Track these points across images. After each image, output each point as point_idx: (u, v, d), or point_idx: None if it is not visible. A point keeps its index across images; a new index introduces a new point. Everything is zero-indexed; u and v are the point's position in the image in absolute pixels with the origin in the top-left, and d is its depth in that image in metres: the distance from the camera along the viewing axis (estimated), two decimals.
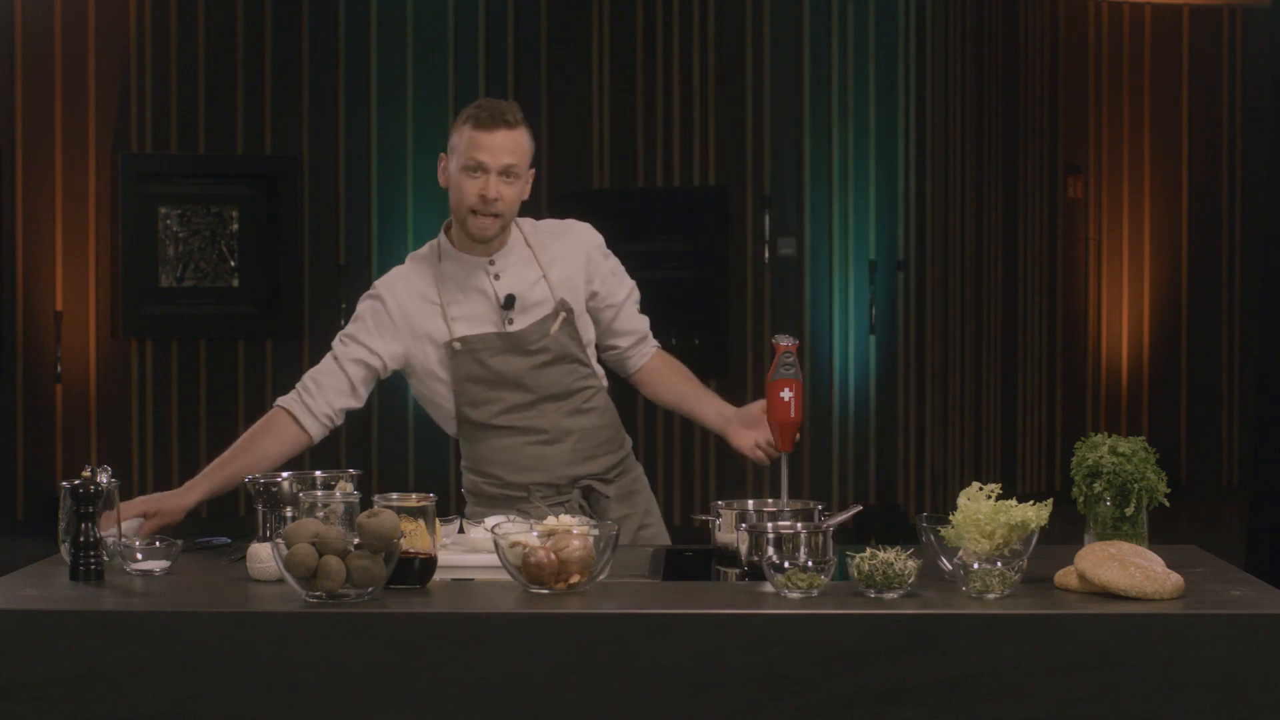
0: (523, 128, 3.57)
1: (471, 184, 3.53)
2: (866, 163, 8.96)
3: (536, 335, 3.61)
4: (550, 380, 3.63)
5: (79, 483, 2.97)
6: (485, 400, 3.63)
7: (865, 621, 2.64)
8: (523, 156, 3.56)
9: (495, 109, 3.54)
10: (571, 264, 3.68)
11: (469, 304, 3.62)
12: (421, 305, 3.64)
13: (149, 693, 2.64)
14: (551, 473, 3.65)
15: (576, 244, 3.71)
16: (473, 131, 3.53)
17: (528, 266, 3.65)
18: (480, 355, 3.60)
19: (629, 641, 2.64)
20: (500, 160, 3.52)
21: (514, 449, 3.65)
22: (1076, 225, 10.39)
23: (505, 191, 3.54)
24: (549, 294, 3.64)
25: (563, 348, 3.63)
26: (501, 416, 3.64)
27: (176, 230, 9.06)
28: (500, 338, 3.61)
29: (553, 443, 3.64)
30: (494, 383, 3.62)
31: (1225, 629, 2.61)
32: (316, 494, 2.95)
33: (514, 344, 3.61)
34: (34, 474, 8.92)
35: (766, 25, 9.04)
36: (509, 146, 3.53)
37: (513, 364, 3.61)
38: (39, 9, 8.90)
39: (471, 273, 3.63)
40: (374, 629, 2.65)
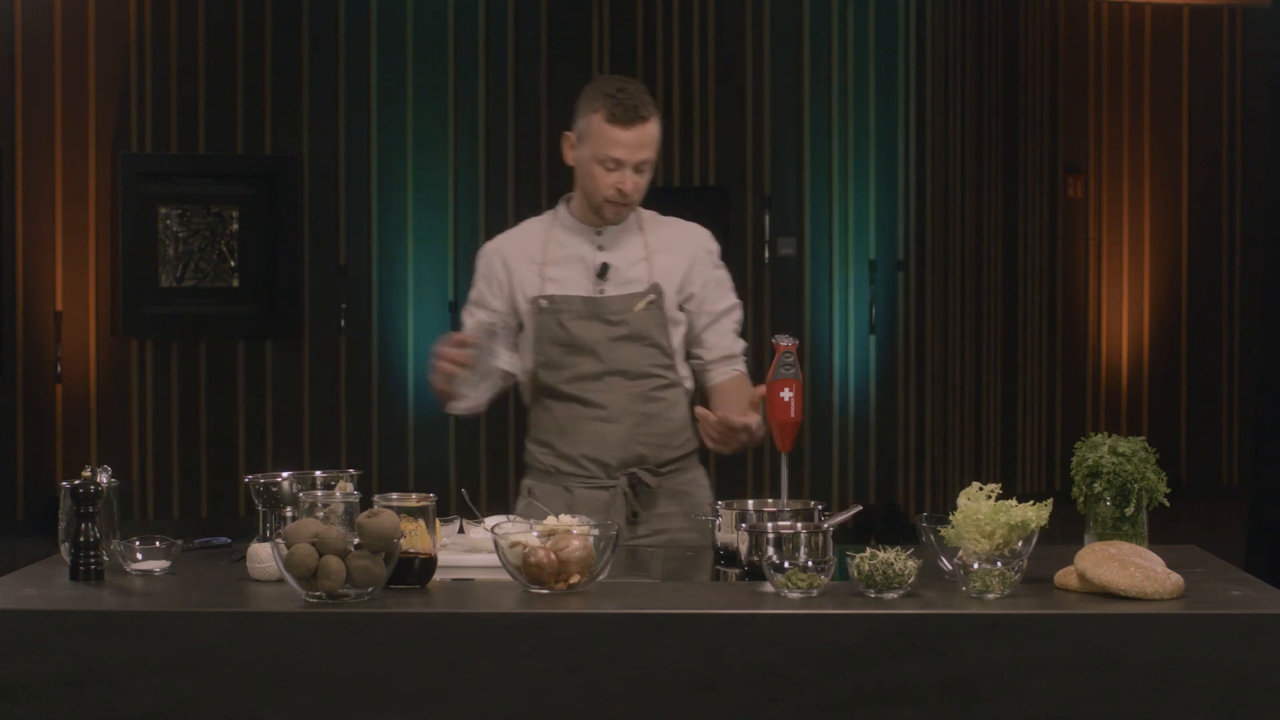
0: (654, 115, 3.63)
1: (607, 177, 3.60)
2: (866, 163, 8.96)
3: (620, 307, 3.65)
4: (623, 355, 3.65)
5: (79, 483, 2.96)
6: (560, 364, 3.67)
7: (865, 621, 2.64)
8: (655, 147, 3.63)
9: (630, 105, 3.58)
10: (676, 257, 3.72)
11: (568, 267, 3.68)
12: (524, 263, 3.71)
13: (149, 693, 2.64)
14: (603, 450, 3.66)
15: (687, 241, 3.76)
16: (607, 126, 3.59)
17: (634, 246, 3.71)
18: (562, 316, 3.65)
19: (629, 641, 2.64)
20: (636, 156, 3.59)
21: (573, 420, 3.68)
22: (1076, 225, 10.39)
23: (640, 182, 3.62)
24: (646, 274, 3.68)
25: (644, 327, 3.66)
26: (571, 384, 3.68)
27: (176, 230, 9.06)
28: (584, 302, 3.65)
29: (610, 420, 3.66)
30: (571, 347, 3.66)
31: (1225, 629, 2.61)
32: (316, 494, 2.95)
33: (596, 310, 3.65)
34: (34, 474, 8.92)
35: (766, 25, 9.04)
36: (644, 142, 3.60)
37: (591, 330, 3.65)
38: (39, 9, 8.90)
39: (578, 241, 3.70)
40: (374, 629, 2.65)
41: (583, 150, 3.64)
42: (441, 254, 9.09)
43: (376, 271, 9.08)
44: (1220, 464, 10.64)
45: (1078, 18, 10.41)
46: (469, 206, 9.08)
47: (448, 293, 9.05)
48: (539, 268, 3.69)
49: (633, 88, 3.63)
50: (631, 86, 3.64)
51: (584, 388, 3.67)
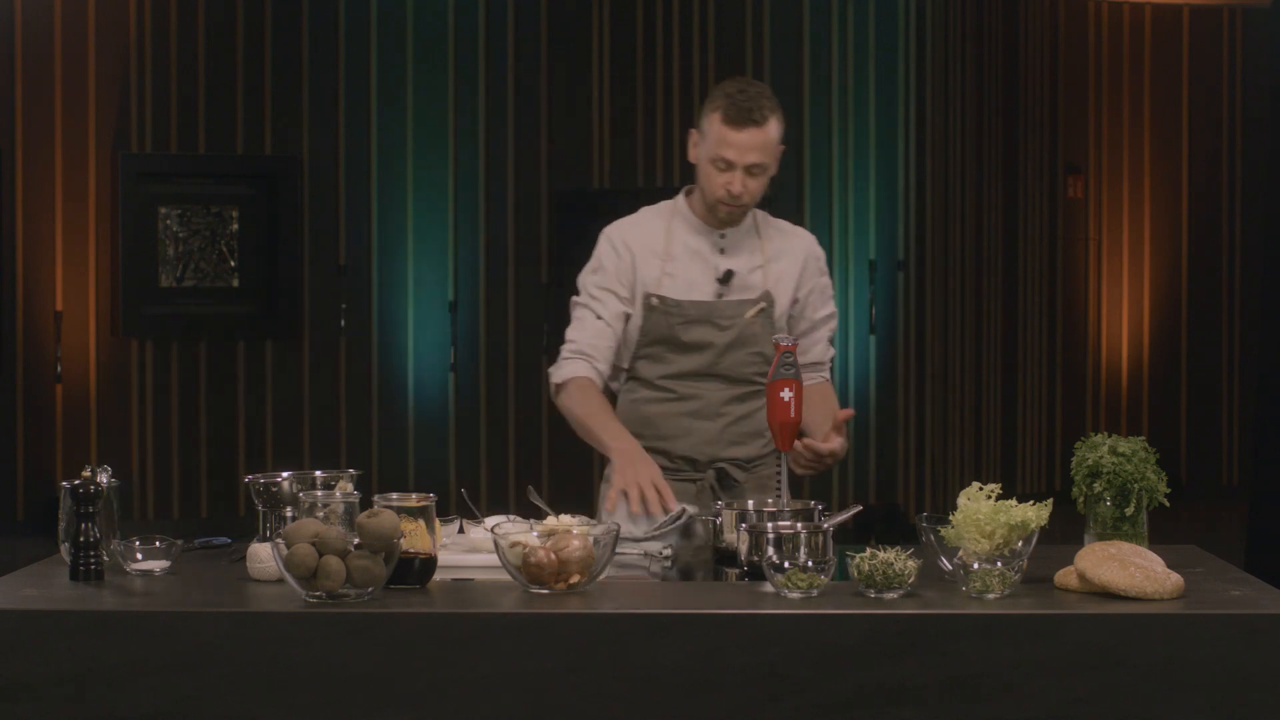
0: (772, 120, 3.61)
1: (719, 177, 3.61)
2: (866, 163, 8.96)
3: (731, 313, 3.67)
4: (729, 360, 3.68)
5: (79, 483, 2.97)
6: (663, 359, 3.69)
7: (865, 621, 2.64)
8: (770, 152, 3.62)
9: (745, 106, 3.58)
10: (790, 264, 3.75)
11: (688, 266, 3.70)
12: (647, 255, 3.72)
13: (149, 693, 2.64)
14: (695, 447, 3.69)
15: (800, 249, 3.79)
16: (722, 127, 3.59)
17: (753, 252, 3.73)
18: (673, 319, 3.67)
19: (629, 641, 2.64)
20: (746, 159, 3.59)
21: (667, 417, 3.70)
22: (1076, 225, 10.39)
23: (751, 185, 3.62)
24: (761, 282, 3.71)
25: (751, 334, 3.68)
26: (669, 380, 3.70)
27: (176, 230, 9.06)
28: (697, 306, 3.67)
29: (705, 417, 3.68)
30: (677, 347, 3.68)
31: (1225, 629, 2.61)
32: (316, 494, 2.95)
33: (709, 314, 3.67)
34: (34, 474, 8.92)
35: (766, 25, 9.04)
36: (756, 145, 3.59)
37: (700, 334, 3.67)
38: (39, 9, 8.90)
39: (701, 240, 3.71)
40: (374, 629, 2.65)
41: (701, 149, 3.65)
42: (441, 254, 9.08)
43: (376, 271, 9.08)
44: (1220, 464, 10.64)
45: (1078, 18, 10.41)
46: (469, 206, 9.08)
47: (448, 293, 9.05)
48: (661, 262, 3.70)
49: (754, 90, 3.62)
50: (753, 89, 3.63)
51: (683, 385, 3.70)
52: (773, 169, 3.66)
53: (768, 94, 3.63)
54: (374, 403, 9.06)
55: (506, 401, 8.95)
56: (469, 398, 9.05)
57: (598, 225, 3.84)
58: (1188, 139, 10.55)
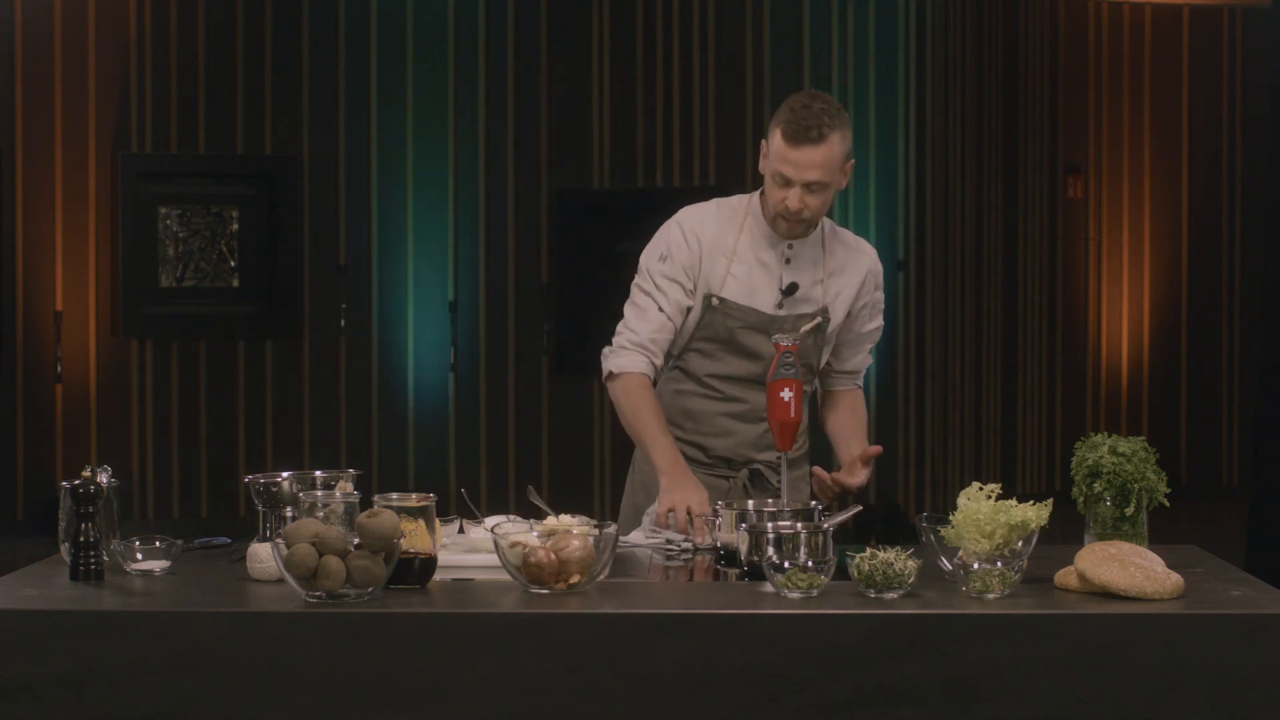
0: (834, 135, 3.53)
1: (779, 193, 3.60)
2: (866, 163, 8.96)
3: (789, 326, 3.67)
4: None
5: (79, 483, 2.96)
6: (715, 357, 3.70)
7: (865, 621, 2.64)
8: (831, 169, 3.55)
9: (804, 124, 3.52)
10: (850, 280, 3.76)
11: (753, 270, 3.69)
12: (715, 253, 3.70)
13: (149, 693, 2.64)
14: (735, 447, 3.71)
15: (863, 265, 3.80)
16: (782, 143, 3.55)
17: (816, 265, 3.73)
18: (732, 323, 3.68)
19: (629, 641, 2.64)
20: (805, 176, 3.55)
21: (709, 415, 3.72)
22: (1076, 225, 10.39)
23: (810, 202, 3.59)
24: (821, 296, 3.71)
25: (804, 347, 3.67)
26: (716, 380, 3.71)
27: (176, 230, 9.06)
28: (757, 315, 3.67)
29: (746, 419, 3.70)
30: (730, 349, 3.69)
31: (1225, 629, 2.61)
32: (316, 494, 2.95)
33: (765, 325, 3.66)
34: (34, 474, 8.92)
35: (766, 25, 9.04)
36: (816, 162, 3.53)
37: (757, 341, 3.67)
38: (39, 9, 8.90)
39: (768, 245, 3.70)
40: (374, 629, 2.65)
41: (766, 162, 3.63)
42: (441, 254, 9.08)
43: (376, 271, 9.08)
44: (1220, 464, 10.64)
45: (1078, 18, 10.41)
46: (469, 206, 9.08)
47: (448, 293, 9.05)
48: (727, 262, 3.70)
49: (818, 105, 3.56)
50: (817, 104, 3.56)
51: (729, 386, 3.71)
52: (839, 184, 3.62)
53: (831, 110, 3.56)
54: (374, 403, 9.07)
55: (506, 401, 8.95)
56: (469, 398, 9.05)
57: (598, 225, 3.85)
58: (1188, 139, 10.55)
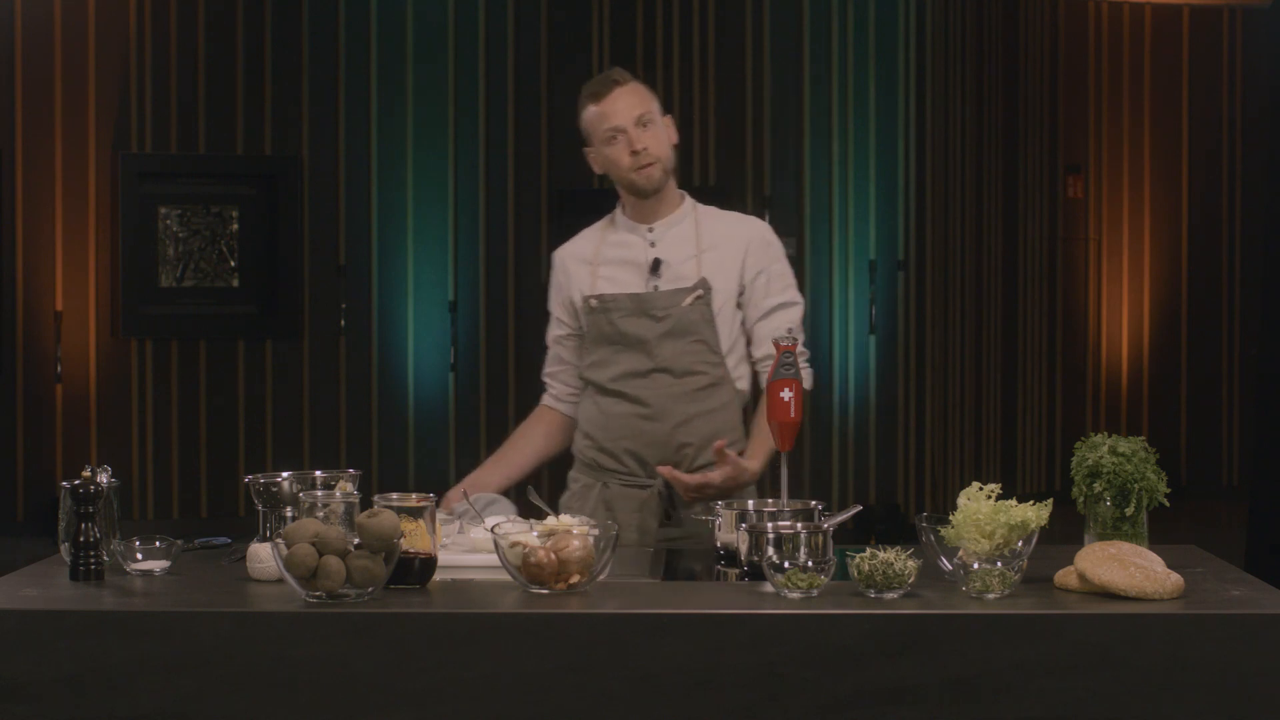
0: (634, 82, 3.68)
1: (617, 150, 3.64)
2: (866, 163, 8.96)
3: (666, 302, 3.65)
4: (670, 352, 3.65)
5: (79, 483, 2.96)
6: (608, 361, 3.69)
7: (865, 621, 2.64)
8: (647, 104, 3.66)
9: (602, 79, 3.69)
10: (730, 252, 3.69)
11: (620, 267, 3.71)
12: (580, 266, 3.75)
13: (149, 693, 2.64)
14: (643, 446, 3.66)
15: (743, 235, 3.72)
16: (594, 107, 3.67)
17: (685, 242, 3.70)
18: (612, 315, 3.67)
19: (629, 641, 2.63)
20: (630, 116, 3.63)
21: (617, 416, 3.68)
22: (1076, 225, 10.39)
23: (646, 138, 3.64)
24: (695, 270, 3.67)
25: (689, 323, 3.64)
26: (617, 380, 3.68)
27: (176, 230, 9.06)
28: (631, 299, 3.66)
29: (653, 419, 3.65)
30: (620, 344, 3.67)
31: (1225, 629, 2.61)
32: (316, 494, 2.95)
33: (643, 306, 3.65)
34: (34, 474, 8.92)
35: (766, 25, 9.04)
36: (631, 101, 3.64)
37: (639, 326, 3.65)
38: (39, 9, 8.90)
39: (630, 238, 3.72)
40: (374, 629, 2.65)
41: (594, 148, 3.70)
42: (441, 254, 9.09)
43: (376, 271, 9.08)
44: (1220, 464, 10.64)
45: (1078, 18, 10.41)
46: (469, 206, 9.08)
47: (448, 293, 9.05)
48: (592, 268, 3.72)
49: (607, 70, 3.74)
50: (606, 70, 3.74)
51: (629, 384, 3.67)
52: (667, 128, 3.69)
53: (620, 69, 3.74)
54: (374, 403, 9.06)
55: (506, 401, 8.95)
56: (469, 398, 9.05)
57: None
58: (1188, 139, 10.55)
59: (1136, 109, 10.49)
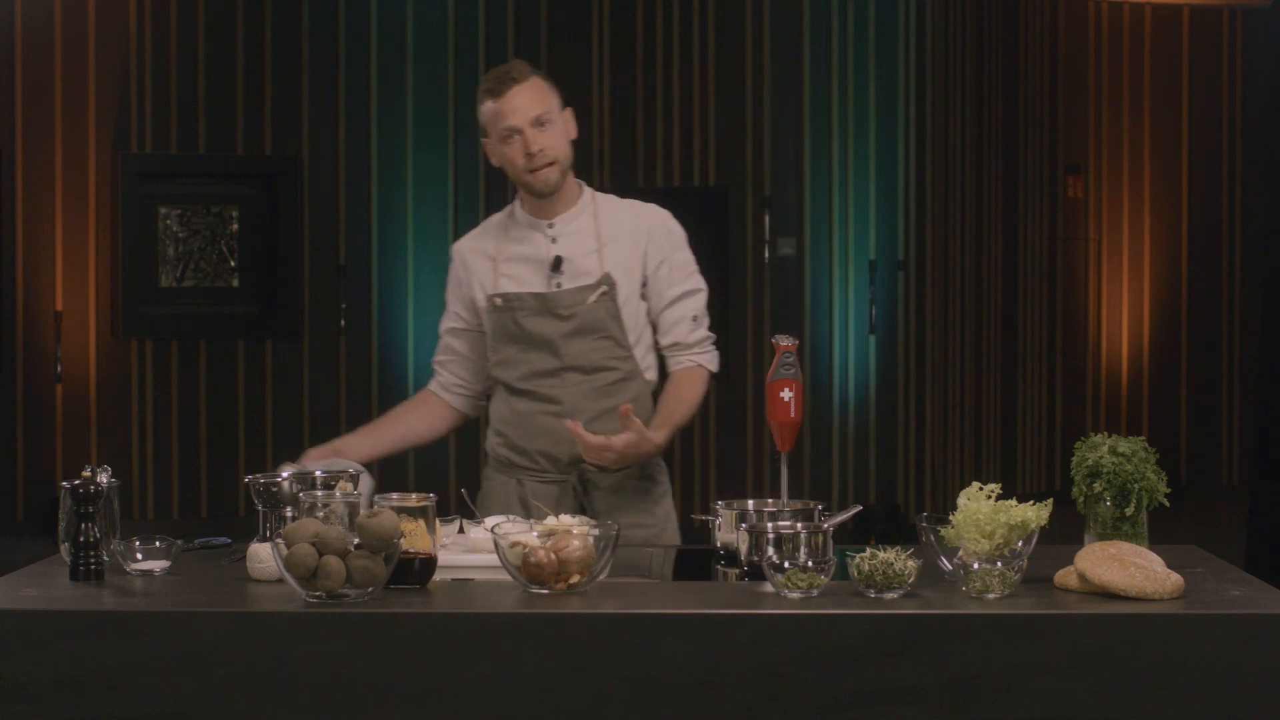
0: (534, 78, 3.62)
1: (513, 149, 3.61)
2: (866, 163, 8.96)
3: (570, 301, 3.62)
4: (578, 350, 3.62)
5: (79, 483, 2.96)
6: (515, 360, 3.66)
7: (865, 621, 2.64)
8: (546, 102, 3.61)
9: (500, 74, 3.62)
10: (631, 243, 3.67)
11: (522, 264, 3.67)
12: (481, 261, 3.72)
13: (149, 693, 2.64)
14: (555, 445, 3.63)
15: (643, 225, 3.70)
16: (490, 103, 3.61)
17: (586, 236, 3.67)
18: (516, 314, 3.64)
19: (629, 641, 2.63)
20: (527, 116, 3.59)
21: (529, 415, 3.66)
22: (1076, 225, 10.39)
23: (543, 139, 3.60)
24: (598, 265, 3.65)
25: (596, 320, 3.62)
26: (526, 380, 3.66)
27: (176, 230, 9.06)
28: (535, 298, 3.63)
29: (564, 416, 3.61)
30: (525, 343, 3.64)
31: (1225, 629, 2.61)
32: (316, 494, 2.95)
33: (547, 306, 3.63)
34: (34, 474, 8.92)
35: (766, 25, 9.04)
36: (527, 100, 3.59)
37: (544, 326, 3.62)
38: (39, 9, 8.90)
39: (531, 235, 3.69)
40: (374, 629, 2.65)
41: (491, 142, 3.66)
42: (441, 254, 9.03)
43: (376, 271, 9.08)
44: (1220, 464, 10.64)
45: (1078, 18, 10.41)
46: (469, 206, 9.08)
47: None
48: (494, 264, 3.69)
49: (500, 67, 3.67)
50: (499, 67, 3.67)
51: (539, 383, 3.65)
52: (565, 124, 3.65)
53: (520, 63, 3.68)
54: (374, 403, 9.06)
55: None
56: None
57: None
58: (1188, 139, 10.55)
59: (1136, 109, 10.49)
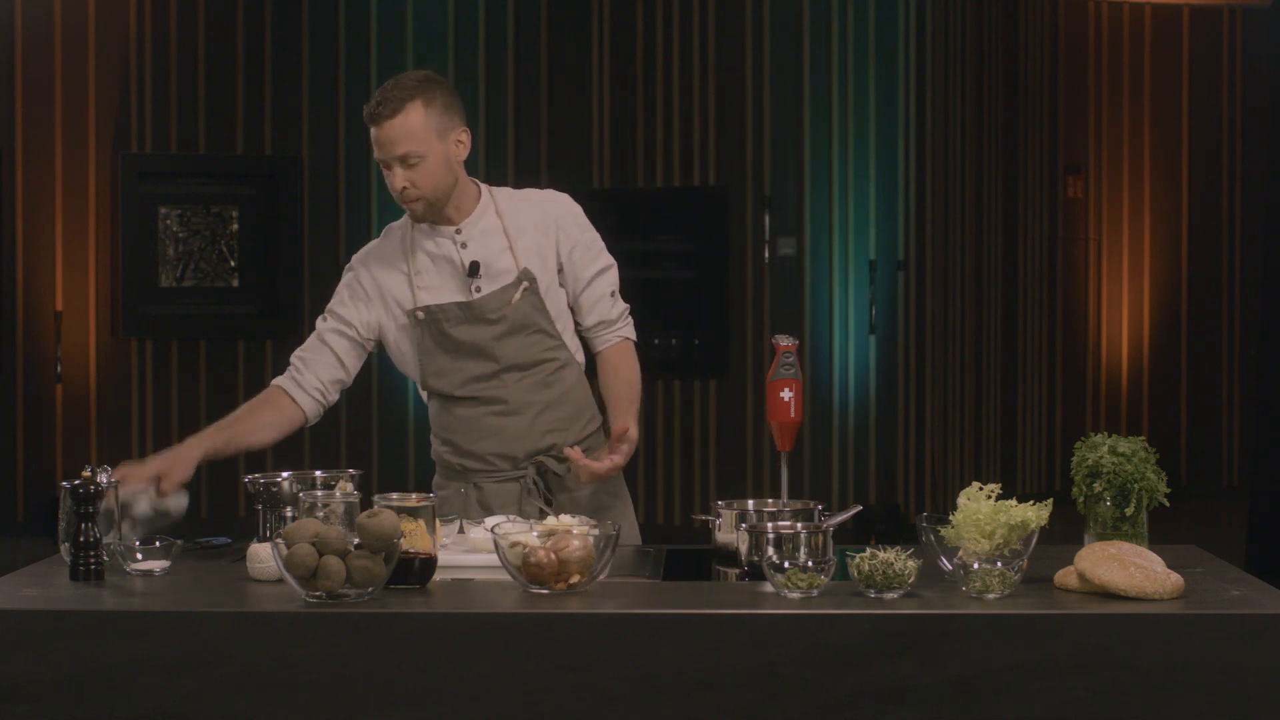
0: (411, 106, 3.47)
1: (387, 176, 3.56)
2: (866, 163, 8.96)
3: (497, 304, 3.57)
4: (513, 350, 3.58)
5: (79, 483, 2.96)
6: (449, 370, 3.60)
7: (865, 621, 2.64)
8: (415, 140, 3.48)
9: (377, 102, 3.49)
10: (540, 234, 3.63)
11: (436, 273, 3.61)
12: (392, 274, 3.65)
13: (149, 693, 2.64)
14: (508, 444, 3.59)
15: (548, 213, 3.66)
16: (371, 129, 3.53)
17: (494, 235, 3.61)
18: (442, 325, 3.58)
19: (629, 641, 2.63)
20: (393, 153, 3.50)
21: (474, 419, 3.60)
22: (1076, 225, 10.39)
23: (412, 177, 3.52)
24: (513, 263, 3.60)
25: (524, 317, 3.58)
26: (465, 387, 3.60)
27: (176, 230, 9.06)
28: (460, 307, 3.57)
29: (511, 414, 3.58)
30: (457, 352, 3.59)
31: (1225, 629, 2.61)
32: (316, 494, 2.95)
33: (474, 314, 3.57)
34: (34, 474, 8.92)
35: (766, 25, 9.04)
36: (394, 138, 3.48)
37: (474, 333, 3.57)
38: (39, 9, 8.90)
39: (439, 242, 3.63)
40: (374, 629, 2.65)
41: None
42: None
43: None
44: (1220, 464, 10.64)
45: (1078, 18, 10.41)
46: None
47: None
48: (406, 278, 3.63)
49: (392, 84, 3.51)
50: (392, 83, 3.52)
51: (479, 388, 3.60)
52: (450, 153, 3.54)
53: (408, 83, 3.50)
54: (374, 403, 9.06)
55: None
56: None
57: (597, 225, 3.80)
58: (1188, 139, 10.55)
59: (1136, 109, 10.49)
